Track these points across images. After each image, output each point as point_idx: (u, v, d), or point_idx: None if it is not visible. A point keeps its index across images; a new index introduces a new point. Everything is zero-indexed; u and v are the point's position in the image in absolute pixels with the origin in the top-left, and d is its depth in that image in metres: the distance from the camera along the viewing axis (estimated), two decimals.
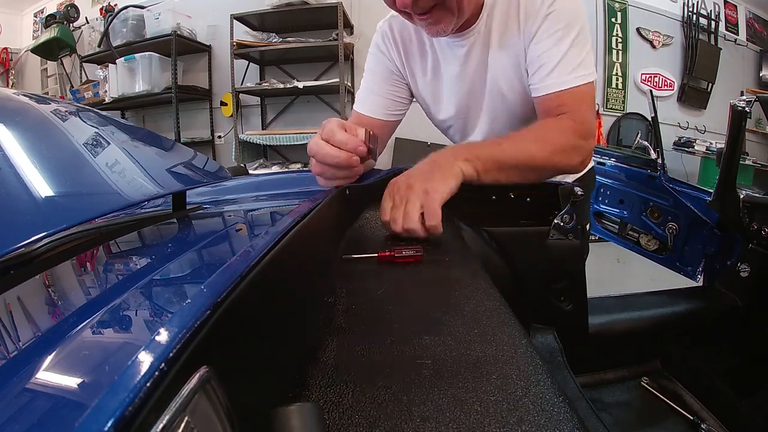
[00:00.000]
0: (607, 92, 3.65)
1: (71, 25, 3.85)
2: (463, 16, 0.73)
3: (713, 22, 3.83)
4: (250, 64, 3.48)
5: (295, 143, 3.15)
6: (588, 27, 0.76)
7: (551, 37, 0.73)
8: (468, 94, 0.87)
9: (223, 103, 3.68)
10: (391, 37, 0.91)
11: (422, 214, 0.55)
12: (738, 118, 1.09)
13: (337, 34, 3.04)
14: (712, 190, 1.18)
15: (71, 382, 0.17)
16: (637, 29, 3.71)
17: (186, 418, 0.15)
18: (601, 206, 1.63)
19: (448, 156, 0.63)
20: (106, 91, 3.53)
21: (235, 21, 3.17)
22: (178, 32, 3.31)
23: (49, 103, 0.52)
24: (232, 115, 3.46)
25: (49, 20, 3.79)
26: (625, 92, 3.70)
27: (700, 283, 1.27)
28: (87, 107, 0.59)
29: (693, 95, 3.85)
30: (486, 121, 0.89)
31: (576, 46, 0.73)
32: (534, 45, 0.75)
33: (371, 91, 0.94)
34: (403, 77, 0.93)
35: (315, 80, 3.29)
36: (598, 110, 3.35)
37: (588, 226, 1.11)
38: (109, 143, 0.47)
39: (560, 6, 0.73)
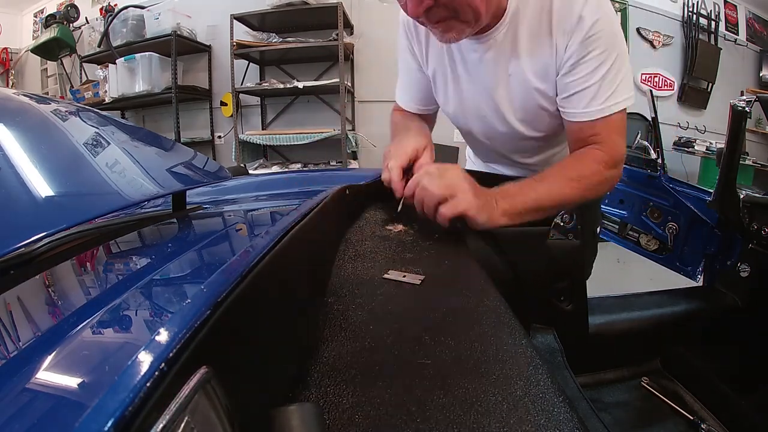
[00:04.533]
0: None
1: (71, 25, 3.84)
2: (480, 25, 0.71)
3: (713, 22, 3.82)
4: (250, 64, 3.47)
5: (295, 143, 3.15)
6: (626, 50, 0.74)
7: (587, 63, 0.71)
8: (480, 98, 0.84)
9: (223, 103, 3.67)
10: (414, 28, 0.86)
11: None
12: (738, 118, 1.09)
13: (337, 34, 3.04)
14: (712, 190, 1.18)
15: (71, 382, 0.17)
16: (637, 29, 3.70)
17: (186, 418, 0.15)
18: (602, 206, 1.63)
19: (491, 202, 0.66)
20: (106, 91, 3.52)
21: (235, 21, 3.16)
22: (178, 32, 3.30)
23: (49, 103, 0.52)
24: (232, 115, 3.46)
25: (49, 20, 3.78)
26: None
27: (700, 283, 1.27)
28: (87, 107, 0.59)
29: (693, 95, 3.84)
30: (502, 129, 0.86)
31: (613, 72, 0.71)
32: (569, 69, 0.72)
33: (403, 83, 0.95)
34: (424, 69, 0.90)
35: (315, 80, 3.29)
36: None
37: (598, 229, 1.08)
38: (109, 143, 0.47)
39: (599, 30, 0.69)
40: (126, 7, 3.42)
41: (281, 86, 3.22)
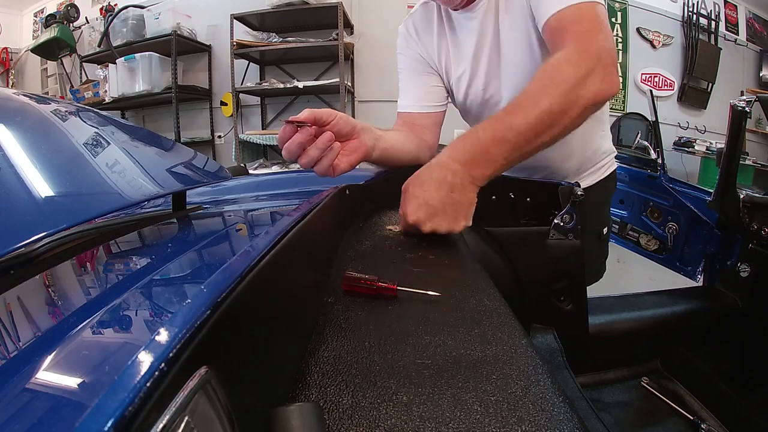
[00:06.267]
0: None
1: (71, 25, 3.84)
2: None
3: (713, 22, 3.82)
4: (250, 64, 3.48)
5: None
6: None
7: None
8: (488, 67, 0.87)
9: (223, 103, 3.68)
10: (414, 32, 0.93)
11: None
12: (738, 118, 1.09)
13: (337, 34, 3.04)
14: (712, 190, 1.18)
15: (71, 382, 0.17)
16: (637, 29, 3.71)
17: (186, 418, 0.15)
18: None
19: (462, 174, 0.59)
20: (106, 91, 3.52)
21: (235, 21, 3.17)
22: (178, 32, 3.31)
23: (49, 103, 0.52)
24: (232, 115, 3.46)
25: (49, 20, 3.79)
26: (625, 92, 3.70)
27: (700, 283, 1.27)
28: (87, 107, 0.59)
29: (693, 95, 3.85)
30: (509, 95, 0.87)
31: None
32: None
33: (406, 90, 0.97)
34: (433, 65, 0.94)
35: (315, 80, 3.29)
36: None
37: (605, 230, 1.06)
38: (109, 143, 0.47)
39: None
40: (126, 7, 3.43)
41: (281, 86, 3.23)
